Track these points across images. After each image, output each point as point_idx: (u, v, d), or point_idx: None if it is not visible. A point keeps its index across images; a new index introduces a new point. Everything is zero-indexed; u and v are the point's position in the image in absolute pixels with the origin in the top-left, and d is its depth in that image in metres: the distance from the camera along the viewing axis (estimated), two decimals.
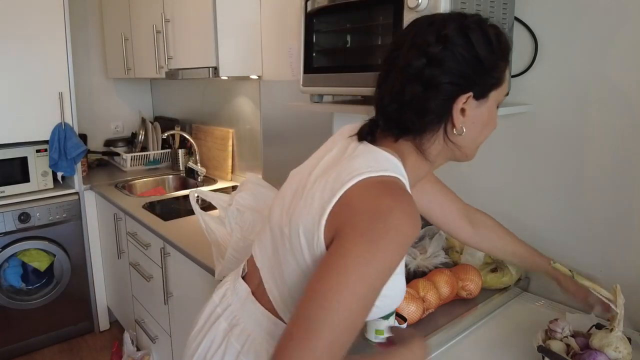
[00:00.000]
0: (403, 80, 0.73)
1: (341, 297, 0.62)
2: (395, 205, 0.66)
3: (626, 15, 1.12)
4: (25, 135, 2.46)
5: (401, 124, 0.76)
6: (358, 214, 0.66)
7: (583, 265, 1.25)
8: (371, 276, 0.64)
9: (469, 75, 0.72)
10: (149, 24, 2.45)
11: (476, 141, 0.80)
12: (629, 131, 1.15)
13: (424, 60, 0.70)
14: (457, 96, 0.72)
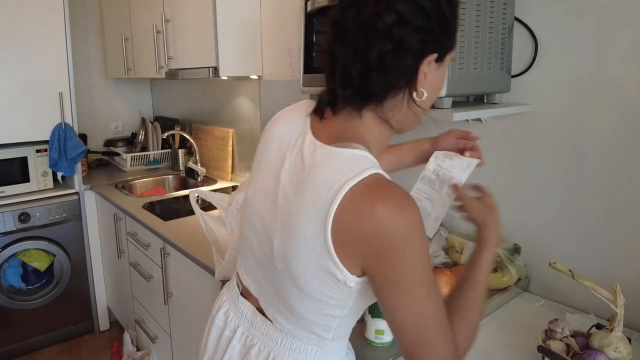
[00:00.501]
0: (368, 38, 0.67)
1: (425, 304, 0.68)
2: (393, 209, 0.65)
3: (626, 15, 1.12)
4: (25, 135, 2.46)
5: (364, 89, 0.71)
6: (370, 238, 0.65)
7: (583, 265, 1.25)
8: (424, 271, 0.68)
9: (437, 34, 0.69)
10: (149, 24, 2.45)
11: (427, 108, 0.78)
12: (629, 131, 1.15)
13: (394, 15, 0.66)
14: (425, 55, 0.69)
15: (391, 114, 0.74)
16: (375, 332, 1.03)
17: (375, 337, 1.03)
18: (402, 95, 0.72)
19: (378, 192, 0.66)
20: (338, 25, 0.71)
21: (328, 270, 0.70)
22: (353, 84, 0.71)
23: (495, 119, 1.40)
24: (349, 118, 0.75)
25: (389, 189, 0.67)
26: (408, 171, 1.07)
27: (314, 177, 0.70)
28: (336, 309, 0.75)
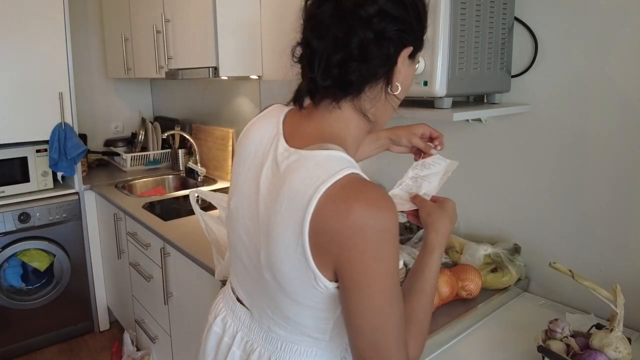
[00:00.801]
0: (349, 28, 0.68)
1: (389, 310, 0.67)
2: (368, 209, 0.63)
3: (626, 15, 1.12)
4: (25, 135, 2.46)
5: (343, 79, 0.71)
6: (344, 237, 0.64)
7: (583, 265, 1.25)
8: (393, 276, 0.66)
9: (414, 27, 0.71)
10: (149, 24, 2.45)
11: (397, 106, 0.79)
12: (629, 131, 1.15)
13: (376, 6, 0.67)
14: (403, 46, 0.71)
15: (369, 106, 0.75)
16: None
17: None
18: (380, 87, 0.73)
19: (353, 192, 0.65)
20: (315, 18, 0.72)
21: (308, 277, 0.69)
22: (332, 74, 0.71)
23: (495, 119, 1.40)
24: (326, 112, 0.75)
25: (364, 188, 0.65)
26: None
27: (289, 184, 0.69)
28: (329, 312, 0.75)
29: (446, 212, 0.83)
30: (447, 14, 1.05)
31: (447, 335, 1.12)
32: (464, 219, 1.54)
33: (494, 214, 1.46)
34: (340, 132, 0.75)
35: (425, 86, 1.10)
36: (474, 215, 1.51)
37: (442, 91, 1.09)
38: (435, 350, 1.09)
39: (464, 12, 1.10)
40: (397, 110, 0.79)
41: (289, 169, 0.71)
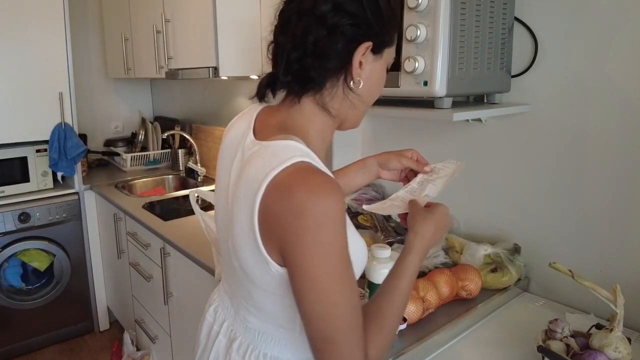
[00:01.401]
0: (306, 25, 0.71)
1: (334, 299, 0.66)
2: (310, 192, 0.64)
3: (626, 15, 1.12)
4: (25, 135, 2.46)
5: (303, 75, 0.73)
6: (286, 221, 0.65)
7: (583, 265, 1.25)
8: (337, 263, 0.66)
9: (371, 24, 0.72)
10: (149, 24, 2.45)
11: (368, 102, 0.80)
12: (628, 131, 1.15)
13: (330, 4, 0.70)
14: (358, 42, 0.72)
15: (330, 101, 0.76)
16: None
17: None
18: (339, 82, 0.75)
19: (298, 177, 0.66)
20: (283, 15, 0.75)
21: (261, 261, 0.71)
22: (292, 70, 0.73)
23: (495, 119, 1.40)
24: (290, 105, 0.78)
25: (309, 174, 0.67)
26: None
27: (247, 172, 0.72)
28: (291, 299, 0.73)
29: (432, 216, 0.82)
30: (447, 14, 1.05)
31: (447, 335, 1.12)
32: (464, 219, 1.54)
33: (494, 214, 1.46)
34: (302, 126, 0.77)
35: (425, 86, 1.10)
36: (474, 215, 1.51)
37: (442, 91, 1.09)
38: (435, 350, 1.09)
39: (464, 12, 1.10)
40: (366, 106, 0.80)
41: (249, 159, 0.74)
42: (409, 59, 1.09)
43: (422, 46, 1.09)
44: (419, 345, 1.05)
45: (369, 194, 1.70)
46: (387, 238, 1.45)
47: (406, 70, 1.10)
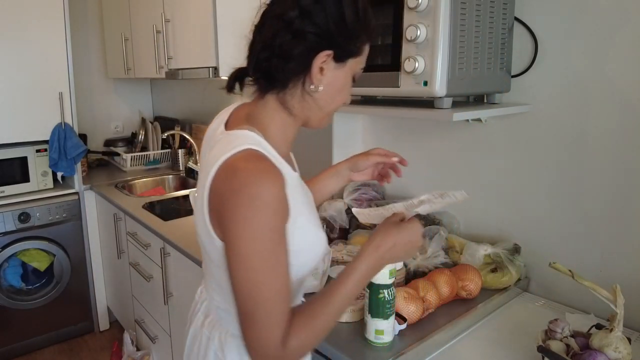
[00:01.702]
0: (276, 28, 0.77)
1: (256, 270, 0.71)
2: (249, 174, 0.71)
3: (626, 15, 1.12)
4: (25, 135, 2.46)
5: (268, 73, 0.80)
6: (225, 198, 0.72)
7: (583, 265, 1.25)
8: (266, 245, 0.71)
9: (333, 34, 0.77)
10: (149, 24, 2.45)
11: (329, 106, 0.84)
12: (628, 131, 1.15)
13: (297, 11, 0.76)
14: (319, 49, 0.77)
15: (290, 100, 0.82)
16: (374, 332, 1.03)
17: (375, 337, 1.03)
18: (300, 84, 0.80)
19: (243, 161, 0.73)
20: (263, 16, 0.81)
21: (208, 234, 0.78)
22: (260, 68, 0.81)
23: (495, 119, 1.40)
24: (257, 100, 0.85)
25: (254, 159, 0.74)
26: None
27: (207, 159, 0.79)
28: None
29: (397, 231, 0.83)
30: (447, 14, 1.05)
31: (447, 335, 1.12)
32: (464, 219, 1.54)
33: (494, 214, 1.46)
34: (264, 119, 0.83)
35: (425, 86, 1.10)
36: (474, 215, 1.51)
37: (442, 91, 1.09)
38: (435, 350, 1.09)
39: (464, 12, 1.10)
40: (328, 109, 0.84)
41: (213, 146, 0.82)
42: (409, 59, 1.09)
43: (422, 46, 1.09)
44: (419, 345, 1.05)
45: (369, 194, 1.70)
46: None
47: (406, 70, 1.10)
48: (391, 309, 1.02)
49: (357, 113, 1.72)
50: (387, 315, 1.02)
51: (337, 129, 1.76)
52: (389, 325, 1.03)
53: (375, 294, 1.01)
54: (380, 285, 1.00)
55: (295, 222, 0.78)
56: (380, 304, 1.01)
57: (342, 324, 1.13)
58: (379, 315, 1.02)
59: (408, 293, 1.12)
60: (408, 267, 1.30)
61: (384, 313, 1.01)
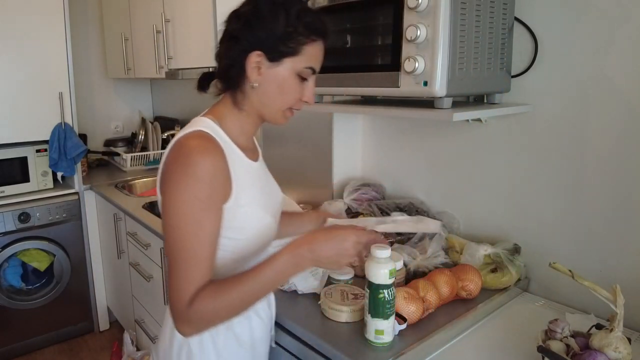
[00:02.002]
0: (223, 37, 0.90)
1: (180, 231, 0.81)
2: (190, 149, 0.82)
3: (626, 15, 1.12)
4: (25, 135, 2.46)
5: (221, 75, 0.93)
6: (167, 168, 0.84)
7: (583, 265, 1.25)
8: (192, 210, 0.80)
9: (261, 37, 0.86)
10: (149, 24, 2.45)
11: (275, 103, 0.91)
12: (628, 131, 1.15)
13: (235, 19, 0.88)
14: (249, 51, 0.86)
15: (242, 100, 0.92)
16: (374, 332, 1.03)
17: (375, 337, 1.03)
18: (246, 83, 0.90)
19: (189, 138, 0.84)
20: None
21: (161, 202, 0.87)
22: (219, 72, 0.93)
23: (495, 119, 1.40)
24: (221, 98, 0.97)
25: (198, 138, 0.84)
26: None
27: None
28: None
29: (328, 235, 0.88)
30: (447, 14, 1.05)
31: (447, 335, 1.12)
32: (464, 219, 1.54)
33: (494, 214, 1.46)
34: (221, 112, 0.94)
35: (425, 86, 1.10)
36: (474, 215, 1.51)
37: (442, 91, 1.09)
38: (435, 350, 1.09)
39: (464, 12, 1.10)
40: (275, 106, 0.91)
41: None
42: (409, 59, 1.09)
43: (422, 46, 1.09)
44: (419, 345, 1.05)
45: (369, 194, 1.70)
46: (387, 238, 1.45)
47: (406, 70, 1.10)
48: (391, 309, 1.02)
49: (357, 113, 1.72)
50: (387, 315, 1.01)
51: (337, 129, 1.76)
52: (389, 326, 1.03)
53: (375, 294, 1.01)
54: (381, 285, 1.00)
55: (239, 201, 0.88)
56: (380, 304, 1.01)
57: (342, 324, 1.13)
58: (379, 316, 1.02)
59: (408, 293, 1.12)
60: (408, 267, 1.30)
61: (384, 313, 1.01)
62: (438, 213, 1.58)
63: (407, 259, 1.32)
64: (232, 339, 0.98)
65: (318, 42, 0.89)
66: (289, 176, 1.96)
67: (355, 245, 0.87)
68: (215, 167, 0.82)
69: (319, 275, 1.28)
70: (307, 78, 0.91)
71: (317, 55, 0.90)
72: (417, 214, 1.54)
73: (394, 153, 1.73)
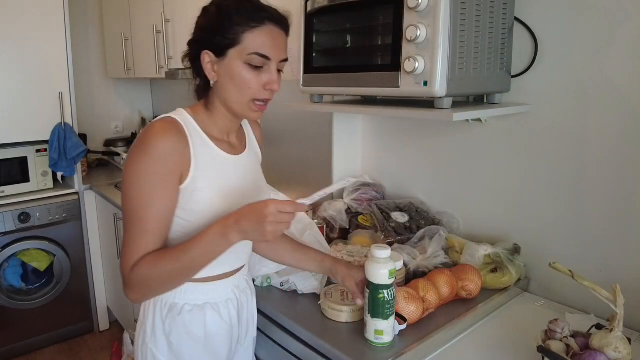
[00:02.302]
0: (188, 46, 1.00)
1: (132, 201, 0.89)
2: (152, 129, 0.90)
3: (626, 15, 1.12)
4: (25, 135, 2.46)
5: (195, 77, 1.00)
6: (133, 144, 0.91)
7: (583, 265, 1.25)
8: (143, 180, 0.88)
9: (205, 37, 0.94)
10: (149, 24, 2.45)
11: (236, 96, 0.95)
12: (628, 131, 1.15)
13: (195, 27, 0.98)
14: (199, 50, 0.94)
15: (210, 95, 0.99)
16: (374, 333, 1.03)
17: (375, 337, 1.03)
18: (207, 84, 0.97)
19: (157, 121, 0.93)
20: None
21: None
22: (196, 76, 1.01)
23: (495, 119, 1.40)
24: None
25: (164, 122, 0.92)
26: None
27: None
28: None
29: (249, 207, 0.89)
30: (447, 14, 1.05)
31: (447, 335, 1.12)
32: (464, 219, 1.54)
33: (494, 214, 1.46)
34: (198, 107, 1.02)
35: (425, 86, 1.10)
36: (474, 215, 1.51)
37: (442, 91, 1.09)
38: (435, 350, 1.09)
39: (464, 12, 1.10)
40: (238, 99, 0.95)
41: None
42: (409, 59, 1.09)
43: (422, 46, 1.09)
44: (419, 345, 1.05)
45: (369, 194, 1.70)
46: (387, 238, 1.45)
47: (406, 70, 1.10)
48: (391, 309, 1.02)
49: (357, 113, 1.72)
50: (387, 315, 1.01)
51: (337, 129, 1.76)
52: (388, 326, 1.03)
53: (375, 294, 1.01)
54: (381, 285, 1.00)
55: (196, 184, 0.94)
56: (380, 304, 1.01)
57: (342, 324, 1.13)
58: (379, 316, 1.02)
59: (408, 293, 1.12)
60: (408, 267, 1.30)
61: (383, 313, 1.01)
62: (438, 213, 1.58)
63: (407, 259, 1.32)
64: (182, 327, 1.02)
65: (260, 28, 0.91)
66: (289, 176, 1.96)
67: (276, 214, 0.85)
68: (171, 147, 0.89)
69: (319, 276, 1.28)
70: (261, 66, 0.92)
71: (264, 41, 0.91)
72: (417, 214, 1.54)
73: (394, 153, 1.73)
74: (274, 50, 0.93)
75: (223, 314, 1.07)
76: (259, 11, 0.92)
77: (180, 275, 0.92)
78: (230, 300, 1.09)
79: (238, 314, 1.11)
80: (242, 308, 1.13)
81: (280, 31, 0.95)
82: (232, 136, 1.06)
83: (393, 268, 1.00)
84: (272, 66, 0.94)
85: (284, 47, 0.96)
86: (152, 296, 1.00)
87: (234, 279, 1.10)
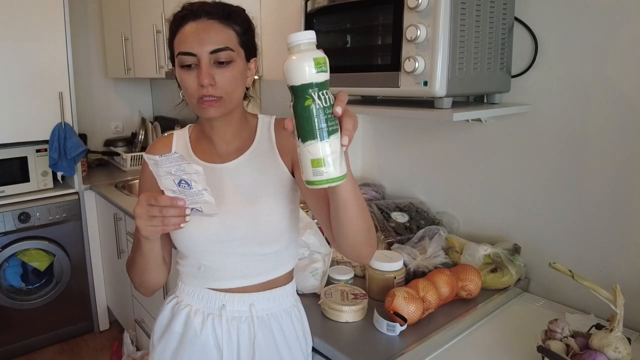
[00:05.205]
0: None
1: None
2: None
3: (626, 15, 1.12)
4: (25, 135, 2.46)
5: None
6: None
7: (583, 265, 1.25)
8: (139, 187, 1.12)
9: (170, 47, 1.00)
10: (149, 24, 2.45)
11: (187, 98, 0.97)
12: (629, 131, 1.15)
13: None
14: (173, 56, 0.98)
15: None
16: (311, 165, 0.65)
17: (314, 172, 0.66)
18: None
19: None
20: None
21: None
22: None
23: (495, 119, 1.40)
24: None
25: (159, 138, 1.12)
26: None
27: None
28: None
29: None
30: (447, 14, 1.05)
31: (447, 335, 1.12)
32: (464, 219, 1.54)
33: (494, 214, 1.46)
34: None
35: (425, 86, 1.10)
36: (474, 215, 1.51)
37: (442, 91, 1.09)
38: (435, 350, 1.09)
39: (464, 12, 1.10)
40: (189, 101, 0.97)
41: None
42: (409, 59, 1.09)
43: (422, 46, 1.09)
44: (419, 345, 1.05)
45: (369, 194, 1.70)
46: (387, 238, 1.45)
47: (406, 70, 1.10)
48: (330, 122, 0.66)
49: (357, 113, 1.71)
50: (322, 132, 0.64)
51: None
52: (329, 149, 0.65)
53: (299, 103, 0.66)
54: (304, 86, 0.65)
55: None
56: (310, 116, 0.65)
57: (342, 324, 1.13)
58: (311, 136, 0.64)
59: (408, 293, 1.12)
60: (408, 267, 1.30)
61: (317, 129, 0.64)
62: (438, 213, 1.58)
63: (407, 259, 1.32)
64: (167, 317, 1.08)
65: (182, 29, 0.96)
66: None
67: (144, 207, 0.84)
68: (149, 152, 1.01)
69: (319, 275, 1.28)
70: (191, 64, 0.93)
71: (185, 38, 0.94)
72: (417, 214, 1.54)
73: (394, 153, 1.73)
74: (195, 44, 0.91)
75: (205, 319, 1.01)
76: (181, 12, 0.99)
77: (144, 269, 1.01)
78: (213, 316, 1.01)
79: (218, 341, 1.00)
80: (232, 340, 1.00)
81: (206, 23, 0.93)
82: (224, 143, 1.01)
83: (321, 57, 0.67)
84: (202, 60, 0.91)
85: (211, 38, 0.91)
86: (144, 288, 1.08)
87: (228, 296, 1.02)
